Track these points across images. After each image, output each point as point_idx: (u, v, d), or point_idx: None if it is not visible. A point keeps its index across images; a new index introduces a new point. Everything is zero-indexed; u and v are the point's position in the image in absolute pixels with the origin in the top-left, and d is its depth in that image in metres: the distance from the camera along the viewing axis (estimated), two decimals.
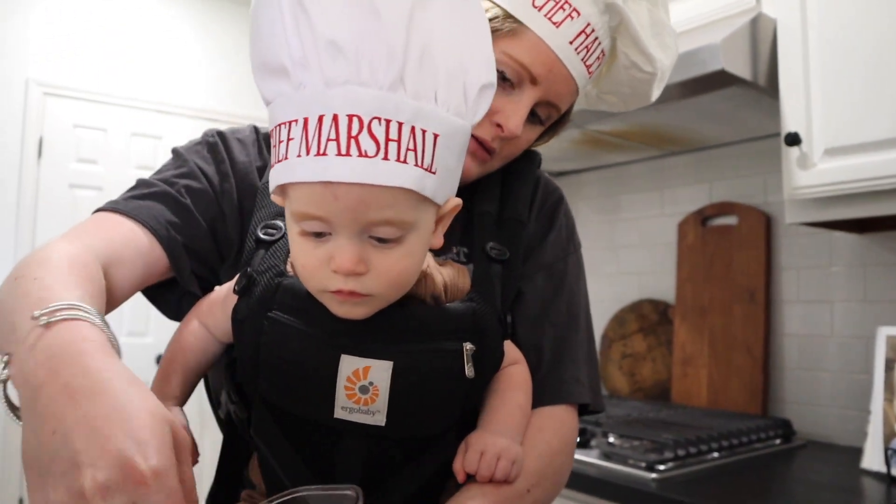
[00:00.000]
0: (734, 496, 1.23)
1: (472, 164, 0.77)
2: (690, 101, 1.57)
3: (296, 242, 0.58)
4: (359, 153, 0.51)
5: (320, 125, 0.51)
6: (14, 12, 3.07)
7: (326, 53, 0.51)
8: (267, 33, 0.54)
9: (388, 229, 0.54)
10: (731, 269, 1.92)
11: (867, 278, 1.68)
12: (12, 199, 3.04)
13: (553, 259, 0.82)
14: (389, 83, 0.51)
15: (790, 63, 1.43)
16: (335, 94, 0.51)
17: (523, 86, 0.75)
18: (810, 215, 1.43)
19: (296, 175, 0.53)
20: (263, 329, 0.61)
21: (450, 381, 0.62)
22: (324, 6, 0.51)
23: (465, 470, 0.62)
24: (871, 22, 1.31)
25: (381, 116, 0.51)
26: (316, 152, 0.51)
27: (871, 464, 1.38)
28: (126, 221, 0.70)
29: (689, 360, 1.97)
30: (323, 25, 0.51)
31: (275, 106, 0.55)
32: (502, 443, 0.63)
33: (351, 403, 0.60)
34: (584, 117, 1.72)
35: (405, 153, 0.52)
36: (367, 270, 0.55)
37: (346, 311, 0.58)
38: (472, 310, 0.65)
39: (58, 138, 3.15)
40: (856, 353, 1.67)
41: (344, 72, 0.51)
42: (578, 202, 2.43)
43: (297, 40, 0.52)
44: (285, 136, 0.54)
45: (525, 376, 0.73)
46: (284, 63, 0.53)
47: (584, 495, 1.37)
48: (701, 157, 2.06)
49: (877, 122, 1.30)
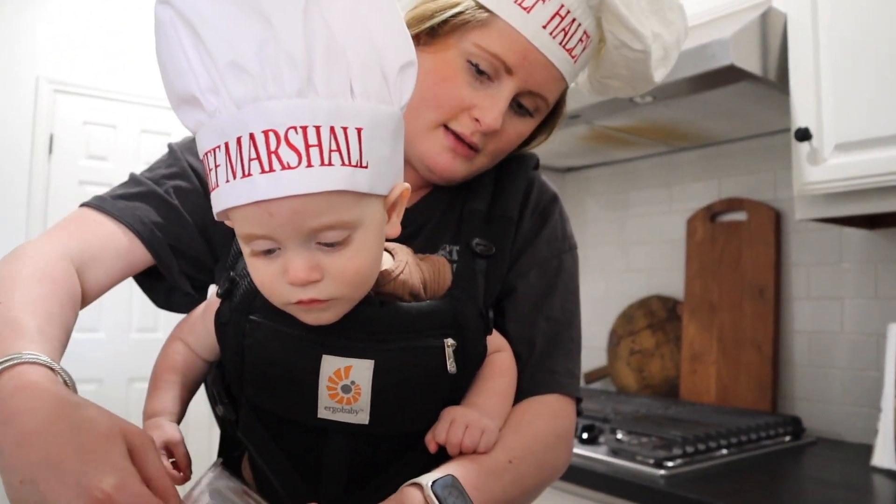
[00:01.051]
0: (743, 493, 1.23)
1: (454, 161, 0.76)
2: (700, 97, 1.57)
3: (250, 262, 0.58)
4: (282, 166, 0.50)
5: (240, 147, 0.51)
6: (24, 10, 3.09)
7: (230, 75, 0.51)
8: (172, 67, 0.54)
9: (331, 233, 0.54)
10: (740, 266, 1.91)
11: (878, 274, 1.66)
12: (23, 196, 3.06)
13: (547, 255, 0.82)
14: (297, 90, 0.51)
15: (800, 58, 1.42)
16: (247, 113, 0.51)
17: (500, 77, 0.73)
18: (820, 211, 1.42)
19: (228, 201, 0.53)
20: (245, 332, 0.62)
21: (432, 377, 0.63)
22: (216, 29, 0.51)
23: (434, 440, 0.62)
24: (882, 16, 1.30)
25: (297, 125, 0.51)
26: (242, 174, 0.51)
27: (882, 461, 1.37)
28: (108, 222, 0.72)
29: (698, 357, 1.96)
30: (219, 48, 0.51)
31: (198, 136, 0.55)
32: (472, 414, 0.64)
33: (334, 403, 0.60)
34: (592, 113, 1.71)
35: (329, 155, 0.51)
36: (321, 276, 0.55)
37: (315, 318, 0.58)
38: (453, 306, 0.66)
39: (68, 135, 3.17)
40: (866, 349, 1.66)
41: (251, 89, 0.51)
42: (587, 198, 2.42)
43: (201, 68, 0.52)
44: (213, 163, 0.54)
45: (508, 362, 0.73)
46: (194, 93, 0.53)
47: (593, 491, 1.37)
48: (710, 152, 2.05)
49: (888, 117, 1.29)
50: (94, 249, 0.70)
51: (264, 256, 0.56)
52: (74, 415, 0.47)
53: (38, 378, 0.50)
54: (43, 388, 0.49)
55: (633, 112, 1.70)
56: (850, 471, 1.39)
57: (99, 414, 0.48)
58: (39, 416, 0.46)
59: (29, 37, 3.09)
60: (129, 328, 3.19)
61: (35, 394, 0.48)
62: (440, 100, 0.74)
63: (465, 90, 0.73)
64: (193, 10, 0.51)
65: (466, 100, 0.73)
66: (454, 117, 0.74)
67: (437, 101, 0.74)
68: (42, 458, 0.44)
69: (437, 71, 0.74)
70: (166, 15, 0.53)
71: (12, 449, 0.45)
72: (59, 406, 0.47)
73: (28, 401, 0.47)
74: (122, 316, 3.16)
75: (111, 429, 0.46)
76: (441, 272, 0.69)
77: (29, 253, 0.66)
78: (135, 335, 3.19)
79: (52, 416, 0.46)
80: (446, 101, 0.74)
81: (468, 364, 0.66)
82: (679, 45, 0.83)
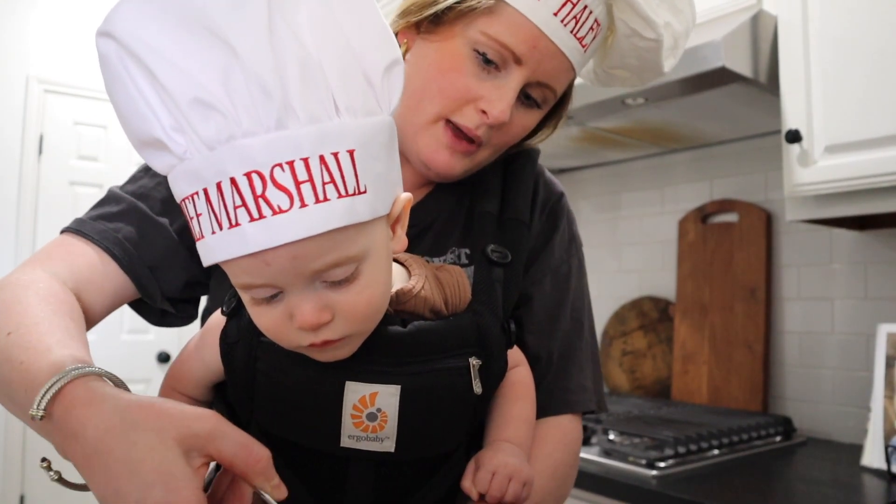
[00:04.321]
0: (734, 493, 1.23)
1: (451, 159, 0.72)
2: (691, 99, 1.57)
3: (251, 308, 0.52)
4: (273, 211, 0.44)
5: (221, 193, 0.45)
6: (14, 10, 3.07)
7: (195, 115, 0.44)
8: (128, 108, 0.47)
9: (337, 271, 0.49)
10: (731, 267, 1.92)
11: (867, 275, 1.67)
12: (13, 196, 3.04)
13: (559, 262, 0.79)
14: (276, 121, 0.44)
15: (791, 60, 1.43)
16: (223, 155, 0.44)
17: (508, 67, 0.69)
18: (811, 212, 1.43)
19: (217, 254, 0.47)
20: (257, 355, 0.57)
21: (458, 399, 0.59)
22: (170, 62, 0.44)
23: (476, 490, 0.59)
24: (872, 19, 1.31)
25: (282, 161, 0.44)
26: (229, 225, 0.45)
27: (872, 461, 1.38)
28: (89, 247, 0.68)
29: (690, 358, 1.97)
30: (178, 85, 0.44)
31: (171, 179, 0.49)
32: (514, 463, 0.60)
33: (358, 432, 0.56)
34: (584, 114, 1.72)
35: (323, 189, 0.45)
36: (332, 316, 0.50)
37: (331, 356, 0.54)
38: (476, 322, 0.61)
39: (58, 135, 3.15)
40: (856, 350, 1.67)
41: (222, 128, 0.44)
42: (579, 200, 2.43)
43: (161, 106, 0.45)
44: (193, 212, 0.48)
45: (528, 381, 0.70)
46: (158, 136, 0.46)
47: (585, 492, 1.37)
48: (702, 154, 2.06)
49: (877, 119, 1.29)
50: (84, 274, 0.66)
51: (266, 303, 0.51)
52: (126, 436, 0.44)
53: (92, 391, 0.47)
54: (98, 403, 0.46)
55: (625, 114, 1.70)
56: (840, 470, 1.39)
57: (151, 429, 0.44)
58: (97, 434, 0.44)
59: (19, 36, 3.08)
60: (121, 329, 3.17)
61: (92, 409, 0.46)
62: (444, 92, 0.70)
63: (471, 81, 0.69)
64: (140, 41, 0.44)
65: (473, 91, 0.69)
66: (458, 110, 0.70)
67: (441, 94, 0.70)
68: (104, 480, 0.43)
69: (440, 61, 0.70)
70: (111, 50, 0.46)
71: (82, 463, 0.45)
72: (112, 423, 0.45)
73: (87, 416, 0.46)
74: (112, 317, 3.12)
75: (163, 442, 0.43)
76: (461, 284, 0.64)
77: (23, 280, 0.62)
78: (125, 336, 3.18)
79: (106, 435, 0.44)
80: (451, 92, 0.69)
81: (491, 382, 0.63)
82: (688, 35, 0.79)
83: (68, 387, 0.47)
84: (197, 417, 0.45)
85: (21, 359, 0.52)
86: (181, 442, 0.44)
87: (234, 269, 0.49)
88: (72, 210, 3.13)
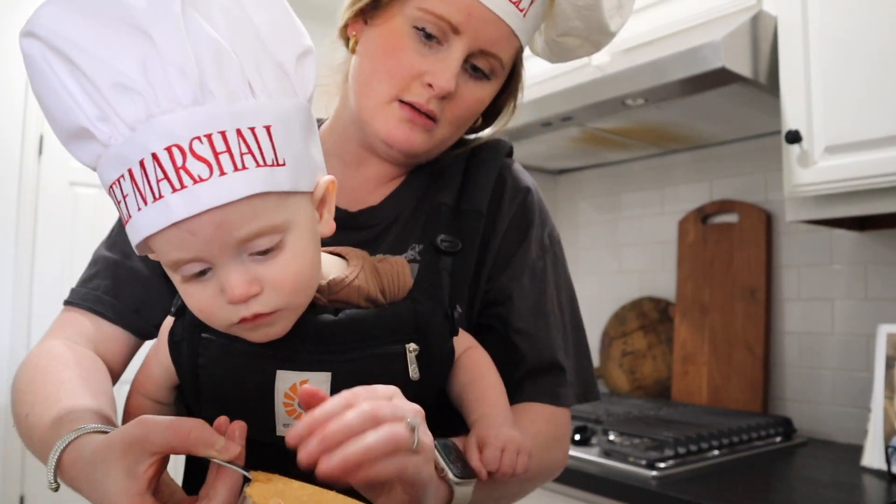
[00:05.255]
0: (734, 494, 1.23)
1: (411, 133, 0.73)
2: (691, 99, 1.57)
3: (184, 291, 0.54)
4: (193, 180, 0.47)
5: (144, 170, 0.48)
6: (14, 11, 3.07)
7: (116, 97, 0.47)
8: (53, 102, 0.50)
9: (261, 241, 0.51)
10: (731, 267, 1.92)
11: (867, 276, 1.67)
12: (13, 197, 3.04)
13: (536, 257, 0.80)
14: (192, 98, 0.48)
15: (791, 61, 1.43)
16: (143, 134, 0.47)
17: (448, 39, 0.70)
18: (811, 213, 1.43)
19: (144, 230, 0.49)
20: (199, 351, 0.60)
21: (394, 384, 0.59)
22: (91, 54, 0.47)
23: (487, 468, 0.59)
24: (872, 19, 1.31)
25: (200, 134, 0.47)
26: (153, 198, 0.48)
27: (872, 461, 1.38)
28: (80, 315, 0.72)
29: (690, 358, 1.97)
30: (99, 72, 0.47)
31: (98, 170, 0.52)
32: (517, 436, 0.61)
33: (292, 420, 0.58)
34: (584, 115, 1.72)
35: (241, 158, 0.48)
36: (261, 289, 0.52)
37: (264, 335, 0.56)
38: (414, 308, 0.63)
39: None
40: (856, 350, 1.67)
41: (141, 108, 0.47)
42: (579, 200, 2.43)
43: (85, 97, 0.49)
44: (120, 195, 0.50)
45: (486, 359, 0.71)
46: (83, 125, 0.49)
47: (585, 493, 1.37)
48: (701, 154, 2.06)
49: (877, 119, 1.30)
50: (89, 336, 0.71)
51: (196, 280, 0.53)
52: (91, 477, 0.50)
53: (78, 451, 0.52)
54: (79, 460, 0.51)
55: (624, 114, 1.70)
56: (840, 471, 1.39)
57: (102, 462, 0.49)
58: (80, 483, 0.51)
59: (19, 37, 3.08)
60: None
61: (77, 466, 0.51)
62: (391, 72, 0.71)
63: (414, 58, 0.71)
64: (63, 38, 0.48)
65: (417, 67, 0.71)
66: (407, 88, 0.71)
67: (389, 74, 0.71)
68: None
69: (384, 43, 0.72)
70: (35, 49, 0.50)
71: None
72: (85, 471, 0.50)
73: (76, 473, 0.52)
74: None
75: (110, 467, 0.48)
76: (400, 274, 0.66)
77: (37, 355, 0.67)
78: None
79: (82, 482, 0.51)
80: (397, 71, 0.71)
81: (433, 369, 0.63)
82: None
83: (63, 456, 0.53)
84: (126, 429, 0.49)
85: (38, 437, 0.59)
86: (123, 458, 0.47)
87: (163, 246, 0.51)
88: (71, 210, 3.14)
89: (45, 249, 3.11)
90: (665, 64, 1.46)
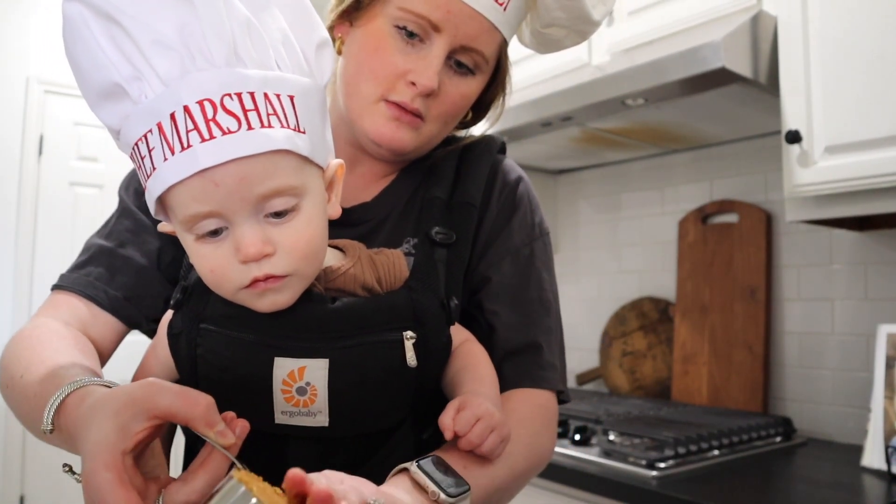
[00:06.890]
0: (734, 494, 1.23)
1: (399, 130, 0.74)
2: (691, 99, 1.57)
3: (196, 252, 0.56)
4: (222, 132, 0.50)
5: (174, 123, 0.50)
6: (15, 10, 3.07)
7: (155, 53, 0.50)
8: (88, 62, 0.52)
9: (280, 200, 0.53)
10: (731, 267, 1.92)
11: (867, 276, 1.67)
12: (13, 197, 3.05)
13: (519, 243, 0.80)
14: (225, 60, 0.51)
15: (791, 61, 1.43)
16: (178, 88, 0.50)
17: (430, 37, 0.71)
18: (811, 213, 1.43)
19: (168, 178, 0.51)
20: (197, 342, 0.61)
21: (392, 372, 0.61)
22: (132, 14, 0.50)
23: (454, 429, 0.58)
24: (872, 19, 1.31)
25: (231, 92, 0.51)
26: (181, 148, 0.50)
27: (872, 461, 1.38)
28: (72, 298, 0.72)
29: (690, 358, 1.97)
30: (140, 31, 0.50)
31: (124, 128, 0.54)
32: (498, 416, 0.60)
33: (290, 407, 0.58)
34: (584, 115, 1.72)
35: (268, 118, 0.52)
36: (274, 249, 0.54)
37: (271, 303, 0.57)
38: (411, 297, 0.64)
39: (58, 136, 3.15)
40: (856, 350, 1.67)
41: (178, 64, 0.50)
42: (579, 200, 2.43)
43: (121, 56, 0.51)
44: (146, 150, 0.52)
45: (481, 351, 0.72)
46: (117, 82, 0.52)
47: (585, 493, 1.37)
48: (701, 154, 2.06)
49: (877, 119, 1.30)
50: (79, 318, 0.71)
51: (211, 239, 0.54)
52: (89, 423, 0.49)
53: (81, 396, 0.53)
54: (83, 404, 0.51)
55: (624, 114, 1.70)
56: (840, 471, 1.39)
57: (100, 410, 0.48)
58: (78, 429, 0.50)
59: (19, 37, 3.08)
60: None
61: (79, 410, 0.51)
62: (376, 72, 0.72)
63: (397, 57, 0.72)
64: (107, 1, 0.50)
65: (400, 66, 0.72)
66: (392, 87, 0.72)
67: (373, 74, 0.73)
68: None
69: (368, 44, 0.73)
70: (75, 10, 0.52)
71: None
72: (85, 416, 0.50)
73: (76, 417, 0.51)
74: None
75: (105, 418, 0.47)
76: (396, 265, 0.67)
77: (30, 329, 0.67)
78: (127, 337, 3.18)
79: (81, 427, 0.49)
80: (381, 71, 0.72)
81: (431, 357, 0.64)
82: None
83: (67, 399, 0.53)
84: (136, 386, 0.49)
85: (35, 391, 0.58)
86: (121, 412, 0.47)
87: (184, 198, 0.52)
88: (72, 210, 3.14)
89: (45, 249, 3.11)
90: (665, 64, 1.46)
